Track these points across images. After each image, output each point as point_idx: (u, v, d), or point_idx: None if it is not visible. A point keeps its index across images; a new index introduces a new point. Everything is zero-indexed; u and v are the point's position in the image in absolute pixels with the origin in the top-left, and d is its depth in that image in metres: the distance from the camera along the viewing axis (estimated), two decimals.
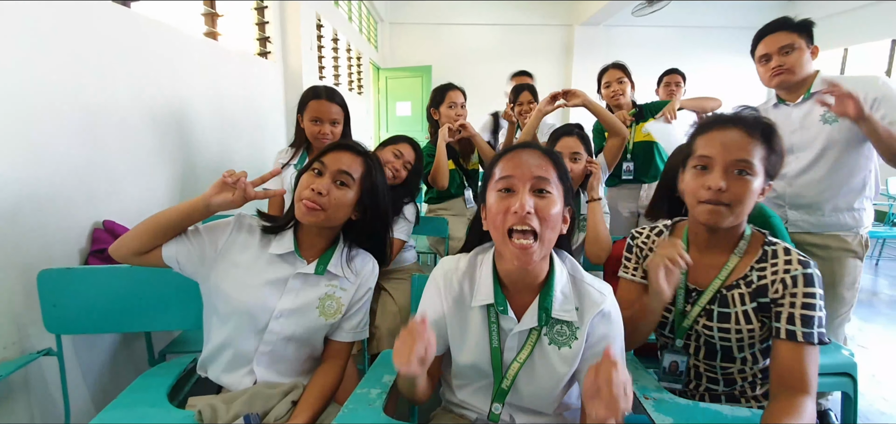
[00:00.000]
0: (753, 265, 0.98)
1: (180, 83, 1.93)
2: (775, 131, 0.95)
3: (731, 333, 0.97)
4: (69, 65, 1.37)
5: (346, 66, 4.96)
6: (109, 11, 1.54)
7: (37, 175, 1.27)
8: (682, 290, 1.03)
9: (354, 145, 1.12)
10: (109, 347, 1.55)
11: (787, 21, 1.66)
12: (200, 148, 2.08)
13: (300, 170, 1.11)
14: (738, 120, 0.94)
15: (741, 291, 0.97)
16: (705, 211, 0.94)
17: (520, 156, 0.87)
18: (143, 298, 1.29)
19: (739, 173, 0.91)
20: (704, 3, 6.74)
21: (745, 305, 0.96)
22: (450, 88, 2.34)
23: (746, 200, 0.92)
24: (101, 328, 1.34)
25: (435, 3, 6.94)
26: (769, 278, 0.95)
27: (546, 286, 0.89)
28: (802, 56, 1.63)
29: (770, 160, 0.94)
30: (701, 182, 0.95)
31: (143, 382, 1.11)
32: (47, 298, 1.23)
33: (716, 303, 0.99)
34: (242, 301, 1.03)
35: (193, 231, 1.06)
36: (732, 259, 0.99)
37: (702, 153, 0.96)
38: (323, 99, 1.75)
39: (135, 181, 1.65)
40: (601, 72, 2.45)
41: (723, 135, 0.94)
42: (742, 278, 0.98)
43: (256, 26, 2.87)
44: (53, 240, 1.33)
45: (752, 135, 0.92)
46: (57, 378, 1.28)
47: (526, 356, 0.89)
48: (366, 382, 1.02)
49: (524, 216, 0.80)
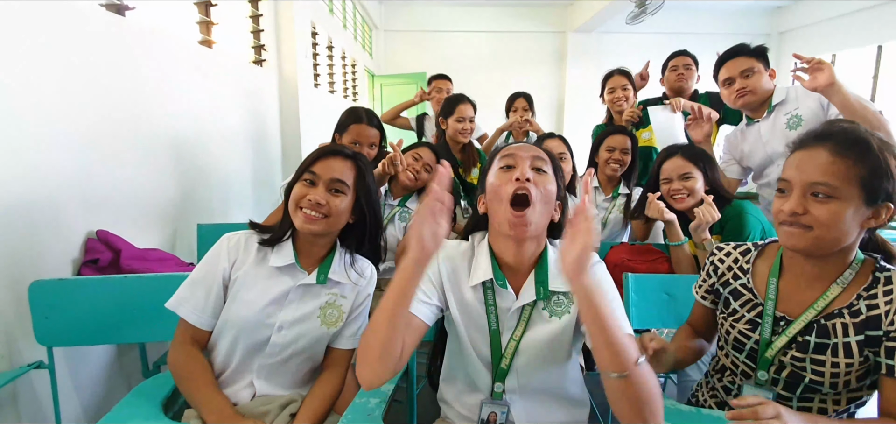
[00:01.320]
0: (861, 294, 0.85)
1: (175, 91, 1.92)
2: (871, 148, 0.81)
3: (826, 366, 0.85)
4: (63, 72, 1.36)
5: (341, 73, 4.95)
6: (104, 20, 1.53)
7: (29, 184, 1.25)
8: (769, 317, 0.93)
9: (342, 149, 1.10)
10: (102, 359, 1.52)
11: (745, 47, 1.79)
12: (195, 156, 2.06)
13: (290, 181, 1.09)
14: (826, 136, 0.84)
15: (845, 321, 0.85)
16: (784, 234, 0.88)
17: (520, 146, 0.94)
18: (137, 309, 1.26)
19: (822, 196, 0.81)
20: (696, 10, 6.82)
21: (849, 337, 0.84)
22: (461, 101, 2.33)
23: (834, 225, 0.81)
24: (93, 340, 1.31)
25: (429, 11, 6.97)
26: (883, 308, 0.82)
27: (540, 263, 0.93)
28: (762, 78, 1.76)
29: (871, 180, 0.80)
30: (779, 205, 0.88)
31: (137, 395, 1.08)
32: (39, 309, 1.21)
33: (813, 334, 0.87)
34: (243, 317, 1.01)
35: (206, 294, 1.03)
36: (833, 289, 0.87)
37: (783, 176, 0.89)
38: (364, 123, 1.77)
39: (129, 190, 1.63)
40: (605, 77, 2.45)
41: (803, 155, 0.85)
42: (846, 307, 0.85)
43: (252, 34, 2.87)
44: (45, 250, 1.31)
45: (838, 153, 0.81)
46: (48, 392, 1.25)
47: (521, 332, 0.92)
48: (364, 391, 1.00)
49: (524, 183, 0.85)
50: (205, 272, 1.03)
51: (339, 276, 1.08)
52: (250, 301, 1.02)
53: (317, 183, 1.04)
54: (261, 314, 1.02)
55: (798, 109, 1.72)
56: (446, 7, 6.96)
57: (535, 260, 0.93)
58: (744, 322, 0.96)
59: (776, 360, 0.91)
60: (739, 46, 1.80)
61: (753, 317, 0.95)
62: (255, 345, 1.03)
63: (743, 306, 0.98)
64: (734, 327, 0.98)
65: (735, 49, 1.81)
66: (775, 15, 6.88)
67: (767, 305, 0.93)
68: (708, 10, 6.86)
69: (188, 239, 1.96)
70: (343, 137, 1.78)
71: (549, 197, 0.89)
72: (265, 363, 1.04)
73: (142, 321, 1.27)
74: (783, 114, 1.75)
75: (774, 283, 0.94)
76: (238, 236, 1.07)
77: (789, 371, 0.90)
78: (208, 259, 1.05)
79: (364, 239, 1.14)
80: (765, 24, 6.95)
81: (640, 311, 1.32)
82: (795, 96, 1.74)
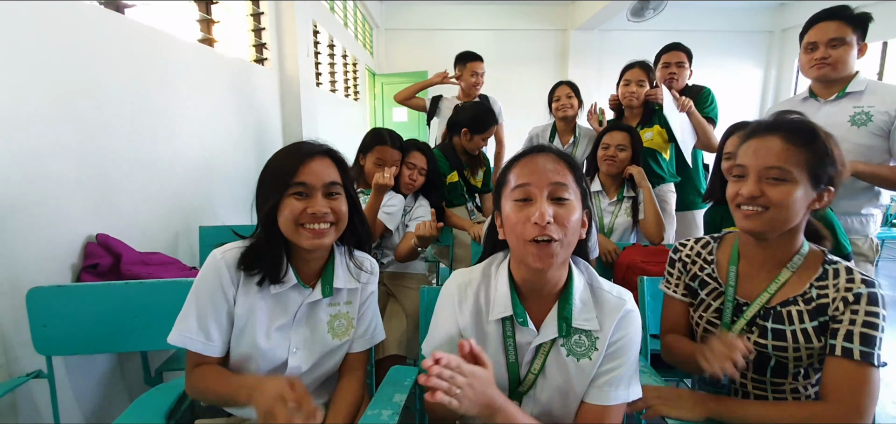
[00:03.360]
0: (812, 283, 0.93)
1: (176, 90, 1.88)
2: (817, 136, 0.90)
3: (788, 350, 0.93)
4: (61, 72, 1.32)
5: (343, 72, 4.92)
6: (103, 17, 1.49)
7: (26, 187, 1.21)
8: (730, 302, 1.00)
9: (317, 147, 0.98)
10: (103, 367, 1.49)
11: (844, 10, 1.56)
12: (196, 157, 2.03)
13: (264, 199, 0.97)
14: (778, 127, 0.93)
15: (800, 308, 0.93)
16: (741, 215, 0.95)
17: (535, 161, 0.84)
18: (138, 316, 1.23)
19: (775, 179, 0.90)
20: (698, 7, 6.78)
21: (805, 323, 0.92)
22: (493, 121, 2.29)
23: (786, 205, 0.89)
24: (94, 349, 1.28)
25: (430, 9, 6.92)
26: (831, 295, 0.90)
27: (565, 293, 0.86)
28: (850, 52, 1.55)
29: (816, 167, 0.89)
30: (736, 188, 0.95)
31: (140, 406, 1.05)
32: (37, 317, 1.18)
33: (769, 319, 0.95)
34: (259, 349, 0.96)
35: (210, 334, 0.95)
36: (784, 273, 0.96)
37: (739, 162, 0.96)
38: (387, 145, 1.79)
39: (129, 192, 1.59)
40: (625, 68, 2.30)
41: (757, 143, 0.93)
42: (800, 295, 0.93)
43: (252, 33, 2.83)
44: (44, 255, 1.27)
45: (790, 141, 0.90)
46: (48, 402, 1.22)
47: (540, 366, 0.86)
48: (376, 402, 0.97)
49: (544, 227, 0.78)
50: (208, 297, 0.94)
51: (343, 281, 1.04)
52: (260, 332, 0.96)
53: (311, 193, 0.94)
54: (273, 341, 0.97)
55: (872, 107, 1.54)
56: (447, 6, 6.91)
57: (559, 290, 0.87)
58: (712, 311, 1.03)
59: None
60: (838, 8, 1.55)
61: (719, 305, 1.03)
62: (273, 369, 0.99)
63: (709, 294, 1.05)
64: (703, 318, 1.05)
65: (832, 11, 1.56)
66: (778, 12, 6.84)
67: (728, 291, 1.01)
68: (710, 7, 6.81)
69: (190, 242, 1.93)
70: (367, 157, 1.81)
71: (574, 228, 0.81)
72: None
73: (143, 329, 1.24)
74: (852, 105, 1.56)
75: (734, 270, 1.02)
76: (233, 253, 0.96)
77: (755, 354, 0.96)
78: (209, 284, 0.95)
79: (355, 230, 1.06)
80: (768, 22, 6.91)
81: (657, 315, 1.28)
82: (874, 91, 1.56)
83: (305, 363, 1.00)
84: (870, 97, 1.56)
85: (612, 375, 0.84)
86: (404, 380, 1.07)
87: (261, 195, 0.97)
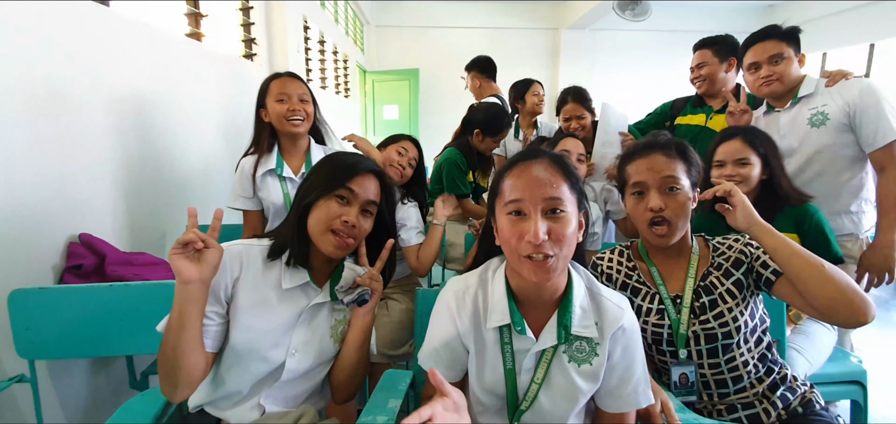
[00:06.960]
0: (713, 257, 1.09)
1: (162, 86, 1.84)
2: (687, 146, 1.07)
3: (726, 316, 1.02)
4: (43, 67, 1.27)
5: (333, 68, 4.86)
6: (86, 10, 1.45)
7: (6, 186, 1.17)
8: (668, 299, 1.07)
9: (374, 167, 1.02)
10: (87, 371, 1.45)
11: (775, 29, 1.66)
12: (184, 153, 1.98)
13: (308, 192, 0.98)
14: (656, 145, 1.06)
15: (717, 275, 1.06)
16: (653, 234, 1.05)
17: (529, 171, 0.80)
18: (123, 319, 1.20)
19: (671, 189, 1.02)
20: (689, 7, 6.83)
21: (726, 283, 1.05)
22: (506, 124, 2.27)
23: (683, 212, 1.03)
24: (78, 353, 1.25)
25: (420, 7, 6.87)
26: (735, 254, 1.07)
27: (564, 300, 0.84)
28: (791, 65, 1.65)
29: (692, 173, 1.05)
30: (642, 205, 1.05)
31: (126, 411, 1.02)
32: (19, 320, 1.14)
33: (702, 295, 1.05)
34: (255, 345, 0.94)
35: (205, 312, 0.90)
36: (693, 259, 1.09)
37: (636, 179, 1.06)
38: (284, 77, 1.61)
39: (114, 190, 1.55)
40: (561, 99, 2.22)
41: (648, 161, 1.05)
42: (713, 267, 1.08)
43: (242, 27, 2.78)
44: (25, 257, 1.23)
45: (671, 155, 1.04)
46: (31, 407, 1.19)
47: (543, 375, 0.84)
48: (370, 408, 0.95)
49: (539, 245, 0.75)
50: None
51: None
52: (259, 327, 0.94)
53: (352, 203, 0.96)
54: (272, 339, 0.95)
55: (826, 106, 1.60)
56: (438, 3, 6.87)
57: (559, 297, 0.85)
58: (653, 315, 1.08)
59: (690, 334, 1.04)
60: (769, 28, 1.65)
61: (657, 306, 1.08)
62: (269, 371, 0.96)
63: (644, 299, 1.10)
64: (648, 324, 1.08)
65: (764, 31, 1.66)
66: (768, 13, 6.91)
67: (661, 289, 1.08)
68: (700, 7, 6.87)
69: None
70: (267, 102, 1.61)
71: (571, 240, 0.78)
72: (277, 385, 0.98)
73: (129, 332, 1.20)
74: (808, 108, 1.63)
75: (656, 270, 1.10)
76: (238, 248, 0.96)
77: (704, 338, 1.03)
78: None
79: (392, 267, 1.09)
80: (758, 22, 6.96)
81: None
82: (826, 91, 1.62)
83: (303, 365, 0.98)
84: (822, 97, 1.63)
85: (627, 385, 0.85)
86: (399, 385, 1.05)
87: (304, 188, 1.00)
